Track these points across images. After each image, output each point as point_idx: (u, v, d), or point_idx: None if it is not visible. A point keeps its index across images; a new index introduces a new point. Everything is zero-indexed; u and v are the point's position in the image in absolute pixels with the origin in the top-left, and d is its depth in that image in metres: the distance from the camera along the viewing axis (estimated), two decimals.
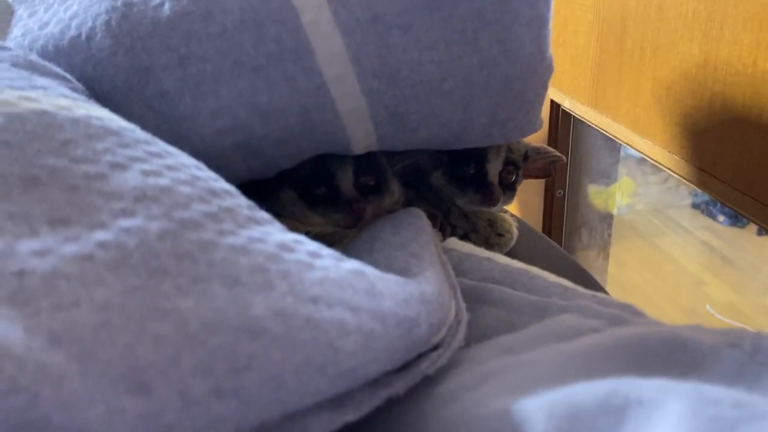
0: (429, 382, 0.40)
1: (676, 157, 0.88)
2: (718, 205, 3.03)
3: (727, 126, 0.78)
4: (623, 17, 0.98)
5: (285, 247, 0.36)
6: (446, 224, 0.74)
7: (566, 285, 0.53)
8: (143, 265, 0.30)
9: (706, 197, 3.11)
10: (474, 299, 0.51)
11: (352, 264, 0.38)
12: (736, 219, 3.01)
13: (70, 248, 0.30)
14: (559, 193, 1.41)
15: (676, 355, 0.38)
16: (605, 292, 0.72)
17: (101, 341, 0.27)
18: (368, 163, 0.65)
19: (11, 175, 0.32)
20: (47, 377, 0.25)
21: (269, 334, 0.31)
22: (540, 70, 0.58)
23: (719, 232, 2.99)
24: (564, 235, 1.49)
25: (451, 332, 0.44)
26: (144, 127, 0.52)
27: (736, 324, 2.28)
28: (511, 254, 0.77)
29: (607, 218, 1.52)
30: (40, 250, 0.29)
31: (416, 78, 0.53)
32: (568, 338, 0.43)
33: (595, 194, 1.46)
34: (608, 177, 1.46)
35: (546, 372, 0.38)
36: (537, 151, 0.79)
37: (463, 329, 0.45)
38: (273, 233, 0.37)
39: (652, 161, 0.94)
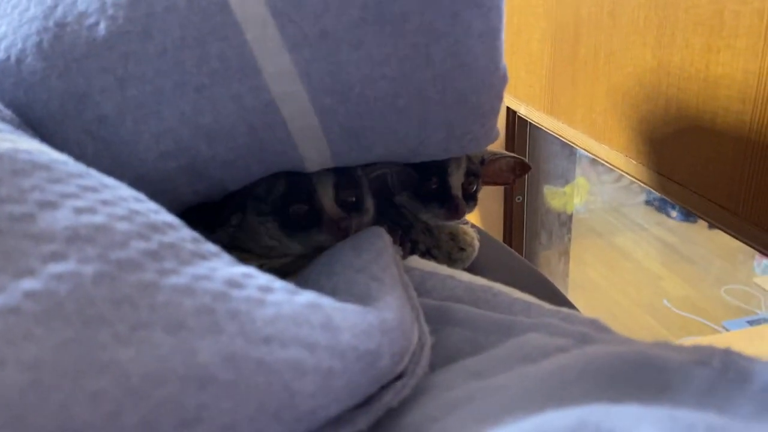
0: (393, 414, 0.39)
1: (633, 162, 0.88)
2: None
3: (682, 129, 0.79)
4: (576, 24, 0.98)
5: (233, 283, 0.34)
6: (406, 240, 0.72)
7: (530, 301, 0.52)
8: (77, 314, 0.28)
9: (657, 194, 3.19)
10: (438, 319, 0.50)
11: (306, 297, 0.36)
12: (688, 214, 3.10)
13: None
14: (518, 198, 1.41)
15: (645, 375, 0.37)
16: (569, 303, 0.72)
17: (31, 404, 0.25)
18: (347, 177, 0.61)
19: None
20: None
21: (218, 382, 0.29)
22: (494, 81, 0.56)
23: (672, 227, 3.09)
24: (525, 240, 1.50)
25: (414, 359, 0.42)
26: (82, 154, 0.49)
27: (693, 317, 2.34)
28: (473, 266, 0.76)
29: (567, 221, 1.53)
30: None
31: (369, 94, 0.51)
32: (534, 359, 0.42)
33: (552, 196, 1.47)
34: (565, 180, 1.47)
35: (514, 398, 0.37)
36: (493, 153, 0.79)
37: (426, 355, 0.44)
38: (220, 268, 0.35)
39: (609, 166, 0.94)
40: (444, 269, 0.56)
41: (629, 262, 2.87)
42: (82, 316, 0.28)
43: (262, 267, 0.61)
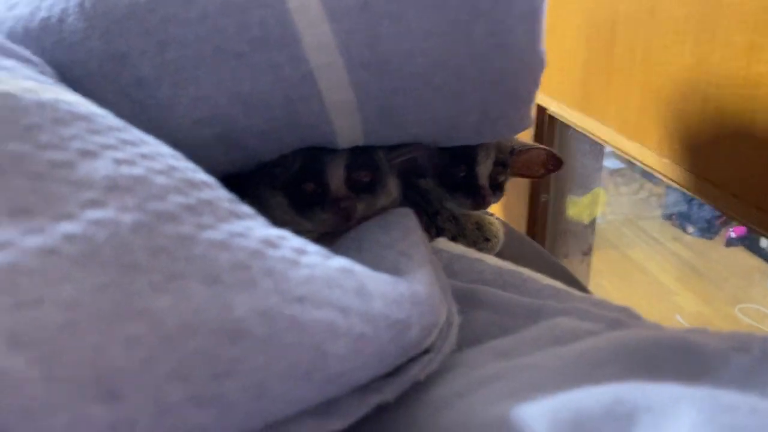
0: (420, 387, 0.38)
1: (666, 161, 0.87)
2: (688, 216, 3.12)
3: (719, 129, 0.77)
4: (613, 21, 0.97)
5: (269, 242, 0.34)
6: (431, 225, 0.72)
7: (559, 287, 0.51)
8: (114, 261, 0.28)
9: (676, 209, 3.18)
10: (465, 301, 0.49)
11: (339, 261, 0.36)
12: (706, 231, 3.09)
13: (32, 241, 0.27)
14: (544, 198, 1.40)
15: (682, 359, 0.36)
16: (588, 291, 0.70)
17: (67, 343, 0.25)
18: (364, 158, 0.61)
19: None
20: (5, 383, 0.22)
21: (252, 337, 0.29)
22: (533, 65, 0.56)
23: (689, 243, 3.06)
24: (547, 241, 1.49)
25: (442, 335, 0.41)
26: (119, 115, 0.49)
27: None
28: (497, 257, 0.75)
29: (590, 225, 1.52)
30: None
31: (407, 70, 0.51)
32: (565, 341, 0.42)
33: (570, 205, 1.45)
34: (590, 184, 1.46)
35: (545, 377, 0.36)
36: (524, 144, 0.77)
37: (454, 332, 0.43)
38: (255, 228, 0.35)
39: (641, 165, 0.93)
40: (472, 252, 0.56)
41: (643, 275, 2.85)
42: (119, 262, 0.28)
43: None
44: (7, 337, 0.24)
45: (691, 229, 3.15)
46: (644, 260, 2.95)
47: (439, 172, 0.71)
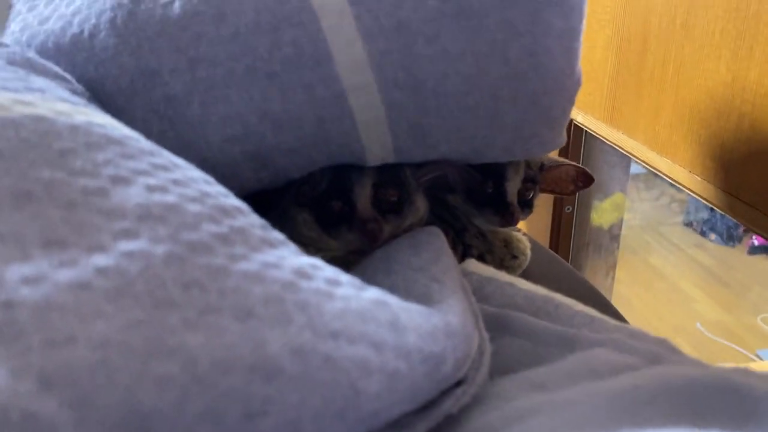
0: (452, 421, 0.37)
1: (697, 178, 0.85)
2: (710, 223, 3.08)
3: (754, 147, 0.75)
4: (644, 34, 0.95)
5: (302, 273, 0.33)
6: (458, 242, 0.71)
7: (593, 315, 0.50)
8: (147, 295, 0.27)
9: (698, 215, 3.15)
10: (496, 327, 0.48)
11: (373, 293, 0.35)
12: (728, 238, 3.06)
13: (65, 275, 0.26)
14: (568, 209, 1.38)
15: (727, 402, 0.35)
16: (622, 318, 0.69)
17: (99, 384, 0.24)
18: (391, 176, 0.59)
19: (1, 188, 0.29)
20: (36, 428, 0.22)
21: (286, 375, 0.28)
22: (569, 84, 0.54)
23: (710, 250, 3.03)
24: (571, 252, 1.47)
25: (474, 366, 0.40)
26: (148, 133, 0.49)
27: (726, 344, 2.29)
28: (524, 275, 0.74)
29: (617, 236, 1.50)
30: (31, 277, 0.25)
31: (441, 90, 0.50)
32: (602, 375, 0.40)
33: (593, 209, 1.43)
34: (612, 190, 1.44)
35: (584, 415, 0.35)
36: (554, 161, 0.75)
37: (486, 362, 0.42)
38: (288, 257, 0.34)
39: (671, 181, 0.91)
40: (503, 275, 0.54)
41: (664, 282, 2.83)
42: (152, 297, 0.27)
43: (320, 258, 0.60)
44: (38, 378, 0.23)
45: (713, 236, 3.13)
46: (665, 267, 2.93)
47: (467, 188, 0.70)
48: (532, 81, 0.51)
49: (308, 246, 0.59)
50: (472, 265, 0.55)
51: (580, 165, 0.76)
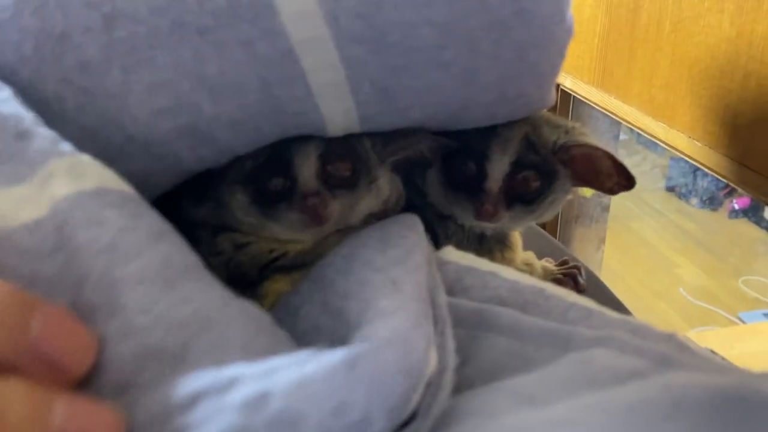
0: None
1: (698, 143, 0.79)
2: (691, 187, 3.12)
3: (762, 110, 0.69)
4: None
5: None
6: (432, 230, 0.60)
7: (591, 308, 0.43)
8: None
9: (680, 180, 3.17)
10: (477, 325, 0.41)
11: None
12: (709, 202, 3.11)
13: None
14: None
15: (757, 418, 0.29)
16: (621, 305, 0.63)
17: None
18: (344, 147, 0.50)
19: None
20: None
21: None
22: (558, 34, 0.48)
23: (692, 215, 3.12)
24: (559, 226, 1.42)
25: (432, 391, 0.33)
26: (62, 109, 0.41)
27: (709, 308, 2.35)
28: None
29: (606, 207, 1.44)
30: None
31: (409, 44, 0.42)
32: (604, 384, 0.34)
33: None
34: None
35: None
36: (574, 141, 0.56)
37: (447, 383, 0.34)
38: None
39: (668, 147, 0.85)
40: (485, 264, 0.47)
41: (646, 248, 2.88)
42: None
43: (272, 253, 0.53)
44: None
45: (694, 200, 3.19)
46: (647, 232, 3.00)
47: (444, 169, 0.58)
48: (516, 30, 0.44)
49: (249, 235, 0.51)
50: (449, 252, 0.48)
51: (615, 157, 0.56)
